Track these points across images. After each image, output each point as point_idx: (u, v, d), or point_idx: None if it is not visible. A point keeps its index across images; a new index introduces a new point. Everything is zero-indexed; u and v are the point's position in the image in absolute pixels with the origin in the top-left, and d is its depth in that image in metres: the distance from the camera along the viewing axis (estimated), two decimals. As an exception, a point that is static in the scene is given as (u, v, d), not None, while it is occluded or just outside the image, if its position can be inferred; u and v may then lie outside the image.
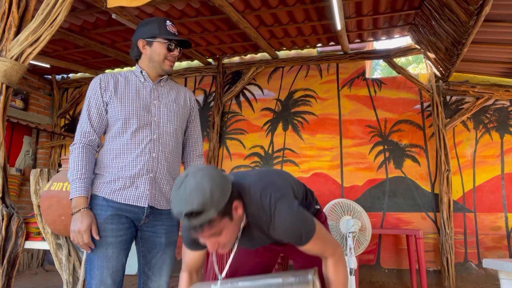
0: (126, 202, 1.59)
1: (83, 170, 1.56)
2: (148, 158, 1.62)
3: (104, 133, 1.69)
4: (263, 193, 1.28)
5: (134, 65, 5.64)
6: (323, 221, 1.63)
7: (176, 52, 1.69)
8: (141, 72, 1.71)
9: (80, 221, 1.50)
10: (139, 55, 1.73)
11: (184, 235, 1.45)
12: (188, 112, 1.82)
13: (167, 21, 1.69)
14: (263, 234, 1.34)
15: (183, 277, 1.54)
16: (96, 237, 1.52)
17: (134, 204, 1.59)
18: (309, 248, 1.34)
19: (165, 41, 1.66)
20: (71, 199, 1.53)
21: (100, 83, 1.65)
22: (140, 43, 1.70)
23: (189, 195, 1.09)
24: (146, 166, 1.61)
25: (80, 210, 1.51)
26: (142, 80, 1.72)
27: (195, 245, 1.43)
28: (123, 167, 1.60)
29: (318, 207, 1.65)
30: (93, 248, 1.53)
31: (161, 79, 1.75)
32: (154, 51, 1.68)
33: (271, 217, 1.25)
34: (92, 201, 1.60)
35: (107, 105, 1.64)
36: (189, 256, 1.50)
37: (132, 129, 1.62)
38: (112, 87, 1.65)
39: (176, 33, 1.71)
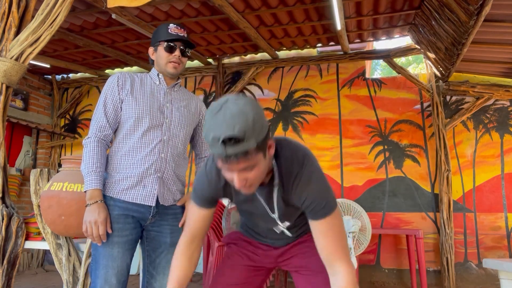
0: (133, 201, 1.60)
1: (98, 163, 1.57)
2: (156, 158, 1.64)
3: (114, 132, 1.71)
4: (295, 145, 1.25)
5: (134, 65, 5.63)
6: None
7: (177, 53, 1.68)
8: (158, 75, 1.74)
9: (97, 212, 1.51)
10: (153, 62, 1.78)
11: (198, 187, 1.34)
12: (198, 119, 1.85)
13: (171, 24, 1.71)
14: (284, 191, 1.24)
15: (182, 242, 1.37)
16: (109, 231, 1.53)
17: (141, 203, 1.61)
18: (326, 228, 1.21)
19: (165, 43, 1.68)
20: (85, 191, 1.55)
21: (117, 81, 1.67)
22: (150, 51, 1.76)
23: (230, 119, 0.96)
24: (154, 166, 1.63)
25: (97, 201, 1.53)
26: (157, 82, 1.74)
27: (205, 201, 1.34)
28: (131, 165, 1.61)
29: None
30: (104, 241, 1.54)
31: (175, 84, 1.78)
32: (158, 56, 1.71)
33: (303, 165, 1.19)
34: None
35: (122, 103, 1.66)
36: (195, 217, 1.37)
37: (143, 128, 1.63)
38: (129, 85, 1.67)
39: (181, 34, 1.70)
